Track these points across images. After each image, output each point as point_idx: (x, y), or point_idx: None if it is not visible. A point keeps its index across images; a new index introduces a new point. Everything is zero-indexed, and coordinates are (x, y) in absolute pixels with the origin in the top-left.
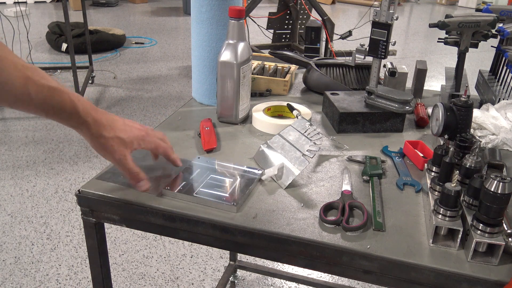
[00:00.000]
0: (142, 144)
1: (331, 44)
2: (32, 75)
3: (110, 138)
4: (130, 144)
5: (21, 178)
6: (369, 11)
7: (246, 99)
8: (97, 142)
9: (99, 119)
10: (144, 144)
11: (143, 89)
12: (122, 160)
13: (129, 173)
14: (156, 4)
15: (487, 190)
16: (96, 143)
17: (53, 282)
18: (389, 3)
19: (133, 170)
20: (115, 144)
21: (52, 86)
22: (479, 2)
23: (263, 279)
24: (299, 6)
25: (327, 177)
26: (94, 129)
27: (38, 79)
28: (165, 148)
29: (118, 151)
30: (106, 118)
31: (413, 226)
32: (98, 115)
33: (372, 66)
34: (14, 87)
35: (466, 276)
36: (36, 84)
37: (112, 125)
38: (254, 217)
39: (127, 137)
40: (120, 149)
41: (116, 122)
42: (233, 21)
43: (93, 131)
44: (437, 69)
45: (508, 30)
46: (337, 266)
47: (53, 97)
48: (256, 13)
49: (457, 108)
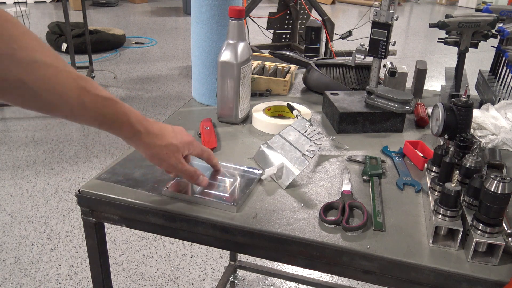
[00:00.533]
0: (191, 149)
1: (331, 44)
2: (86, 85)
3: (163, 146)
4: (182, 149)
5: (21, 178)
6: (369, 11)
7: (246, 99)
8: (150, 152)
9: (150, 128)
10: (193, 149)
11: (143, 89)
12: (178, 165)
13: (188, 175)
14: (156, 4)
15: (487, 190)
16: (150, 153)
17: (53, 282)
18: (389, 3)
19: (191, 170)
20: (169, 151)
21: (105, 97)
22: (479, 2)
23: (263, 279)
24: (299, 6)
25: (327, 177)
26: (146, 139)
27: (92, 90)
28: (210, 153)
29: (173, 157)
30: (157, 128)
31: (413, 226)
32: (149, 125)
33: (372, 66)
34: (70, 98)
35: (466, 276)
36: (91, 94)
37: (163, 134)
38: (254, 217)
39: (179, 143)
40: (174, 155)
41: (166, 130)
42: (233, 21)
43: (145, 140)
44: (437, 69)
45: (508, 30)
46: (337, 266)
47: (106, 107)
48: (256, 13)
49: (457, 108)
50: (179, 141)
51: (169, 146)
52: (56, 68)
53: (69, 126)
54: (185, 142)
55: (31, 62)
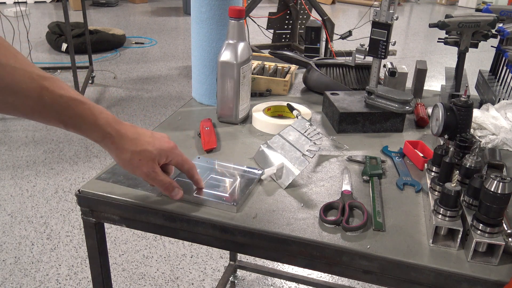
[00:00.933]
0: (170, 157)
1: (331, 44)
2: (49, 85)
3: (136, 152)
4: (158, 156)
5: (21, 178)
6: (369, 11)
7: (246, 99)
8: (122, 157)
9: (123, 132)
10: (172, 157)
11: (143, 89)
12: (151, 174)
13: (162, 186)
14: (156, 4)
15: (487, 190)
16: (123, 158)
17: (53, 282)
18: (389, 3)
19: (165, 181)
20: (143, 158)
21: (70, 97)
22: (479, 2)
23: (263, 279)
24: (299, 6)
25: (327, 177)
26: (118, 143)
27: (55, 90)
28: (192, 166)
29: (146, 165)
30: (132, 132)
31: (413, 226)
32: (122, 128)
33: (372, 66)
34: (28, 98)
35: (466, 276)
36: (53, 94)
37: (138, 138)
38: (254, 217)
39: (154, 149)
40: (148, 163)
41: (142, 135)
42: (233, 21)
43: (117, 145)
44: (437, 69)
45: (508, 30)
46: (337, 266)
47: (71, 108)
48: (256, 13)
49: (457, 108)
50: (155, 147)
51: (142, 152)
52: (12, 68)
53: None
54: (162, 149)
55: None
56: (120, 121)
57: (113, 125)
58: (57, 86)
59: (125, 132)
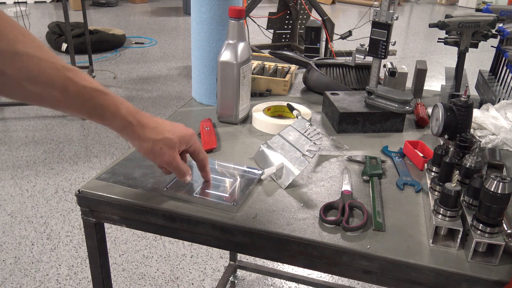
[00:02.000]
0: (189, 143)
1: (331, 44)
2: (73, 76)
3: (157, 140)
4: (178, 144)
5: (21, 178)
6: (369, 11)
7: (246, 99)
8: (145, 146)
9: (145, 122)
10: (191, 143)
11: (143, 89)
12: (173, 163)
13: (180, 173)
14: (156, 4)
15: (487, 190)
16: (144, 147)
17: (53, 282)
18: (389, 3)
19: (184, 170)
20: (164, 146)
21: (93, 88)
22: (479, 2)
23: (263, 279)
24: (299, 6)
25: (327, 177)
26: (140, 132)
27: (79, 81)
28: (207, 156)
29: (168, 153)
30: (152, 121)
31: (413, 226)
32: (143, 117)
33: (372, 66)
34: (55, 89)
35: (466, 276)
36: (77, 85)
37: (158, 127)
38: (254, 217)
39: (175, 137)
40: (169, 152)
41: (162, 124)
42: (233, 21)
43: (139, 133)
44: (437, 69)
45: (508, 30)
46: (337, 266)
47: (94, 98)
48: (256, 13)
49: (457, 108)
50: (176, 135)
51: (163, 140)
52: (39, 59)
53: (69, 126)
54: (182, 136)
55: (11, 53)
56: (140, 111)
57: (134, 114)
58: (80, 77)
59: (146, 121)
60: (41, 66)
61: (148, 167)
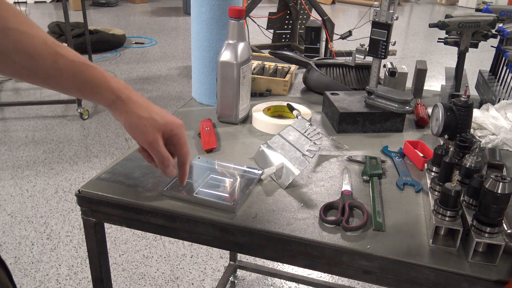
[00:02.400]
0: (175, 131)
1: (331, 44)
2: (62, 51)
3: (145, 118)
4: (163, 127)
5: (21, 178)
6: (369, 11)
7: (246, 99)
8: (131, 120)
9: (134, 98)
10: (176, 132)
11: (143, 89)
12: (153, 144)
13: (159, 158)
14: (156, 4)
15: (487, 190)
16: (130, 121)
17: (53, 282)
18: (389, 3)
19: (164, 155)
20: (149, 125)
21: (83, 62)
22: (479, 2)
23: (263, 279)
24: (299, 6)
25: (327, 177)
26: (128, 106)
27: (68, 55)
28: (189, 152)
29: (152, 133)
30: (143, 100)
31: (413, 226)
32: (133, 95)
33: (372, 66)
34: (45, 62)
35: (466, 276)
36: (66, 59)
37: (148, 107)
38: (254, 217)
39: (161, 120)
40: (153, 132)
41: (153, 106)
42: (233, 21)
43: (127, 108)
44: (437, 69)
45: (508, 30)
46: (337, 266)
47: (83, 71)
48: (256, 13)
49: (457, 108)
50: (163, 119)
51: (150, 119)
52: (29, 35)
53: (69, 126)
54: (169, 122)
55: (3, 29)
56: (132, 89)
57: (123, 90)
58: (70, 52)
59: (136, 98)
60: (32, 41)
61: (148, 167)
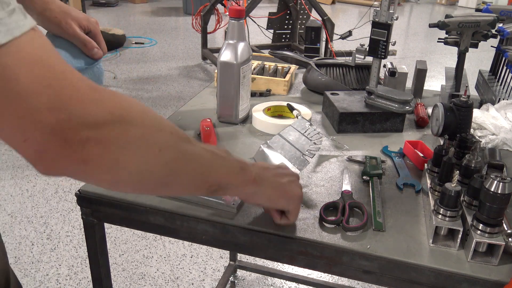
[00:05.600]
0: (86, 21)
1: (331, 44)
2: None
3: (54, 11)
4: (76, 18)
5: (21, 178)
6: (369, 11)
7: (246, 99)
8: (42, 16)
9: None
10: (89, 20)
11: (143, 89)
12: (69, 29)
13: (81, 41)
14: (156, 4)
15: (487, 190)
16: (42, 17)
17: (53, 282)
18: (389, 3)
19: (82, 36)
20: (59, 16)
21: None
22: (479, 2)
23: (263, 279)
24: (299, 6)
25: (327, 177)
26: (39, 5)
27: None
28: (96, 24)
29: (64, 22)
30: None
31: (413, 226)
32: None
33: (372, 66)
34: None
35: (466, 276)
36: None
37: (57, 3)
38: (254, 217)
39: (75, 13)
40: (68, 21)
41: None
42: (233, 21)
43: (38, 6)
44: (437, 69)
45: (508, 30)
46: (337, 266)
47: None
48: (256, 13)
49: (457, 108)
50: (73, 10)
51: (61, 13)
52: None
53: None
54: (83, 17)
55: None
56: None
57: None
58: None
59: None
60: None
61: None
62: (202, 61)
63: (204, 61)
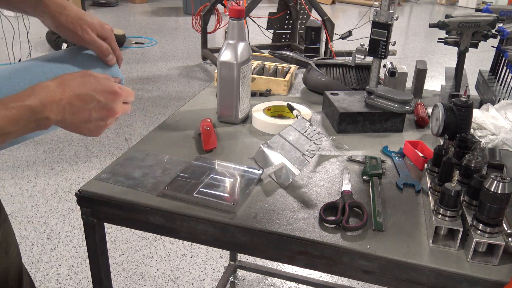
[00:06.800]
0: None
1: (331, 44)
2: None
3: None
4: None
5: (21, 178)
6: (369, 11)
7: (246, 99)
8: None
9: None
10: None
11: (143, 89)
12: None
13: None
14: (156, 4)
15: (487, 190)
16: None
17: (53, 282)
18: (389, 3)
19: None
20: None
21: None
22: (479, 2)
23: (263, 279)
24: (299, 6)
25: (327, 177)
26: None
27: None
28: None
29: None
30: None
31: (413, 226)
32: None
33: (372, 66)
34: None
35: (466, 276)
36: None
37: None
38: (254, 217)
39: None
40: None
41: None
42: (233, 21)
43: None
44: (437, 69)
45: (508, 30)
46: (337, 266)
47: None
48: (256, 13)
49: (457, 108)
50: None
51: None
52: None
53: None
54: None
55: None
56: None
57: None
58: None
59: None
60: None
61: (148, 167)
62: (202, 61)
63: (204, 61)
